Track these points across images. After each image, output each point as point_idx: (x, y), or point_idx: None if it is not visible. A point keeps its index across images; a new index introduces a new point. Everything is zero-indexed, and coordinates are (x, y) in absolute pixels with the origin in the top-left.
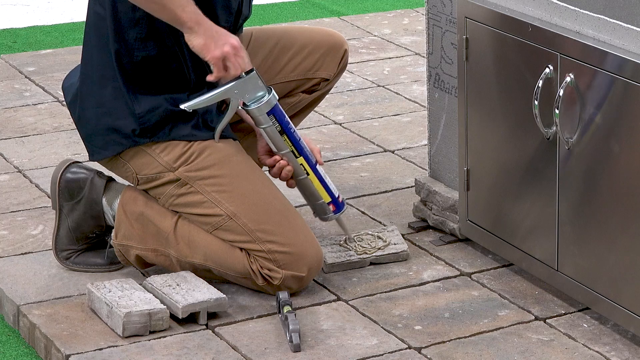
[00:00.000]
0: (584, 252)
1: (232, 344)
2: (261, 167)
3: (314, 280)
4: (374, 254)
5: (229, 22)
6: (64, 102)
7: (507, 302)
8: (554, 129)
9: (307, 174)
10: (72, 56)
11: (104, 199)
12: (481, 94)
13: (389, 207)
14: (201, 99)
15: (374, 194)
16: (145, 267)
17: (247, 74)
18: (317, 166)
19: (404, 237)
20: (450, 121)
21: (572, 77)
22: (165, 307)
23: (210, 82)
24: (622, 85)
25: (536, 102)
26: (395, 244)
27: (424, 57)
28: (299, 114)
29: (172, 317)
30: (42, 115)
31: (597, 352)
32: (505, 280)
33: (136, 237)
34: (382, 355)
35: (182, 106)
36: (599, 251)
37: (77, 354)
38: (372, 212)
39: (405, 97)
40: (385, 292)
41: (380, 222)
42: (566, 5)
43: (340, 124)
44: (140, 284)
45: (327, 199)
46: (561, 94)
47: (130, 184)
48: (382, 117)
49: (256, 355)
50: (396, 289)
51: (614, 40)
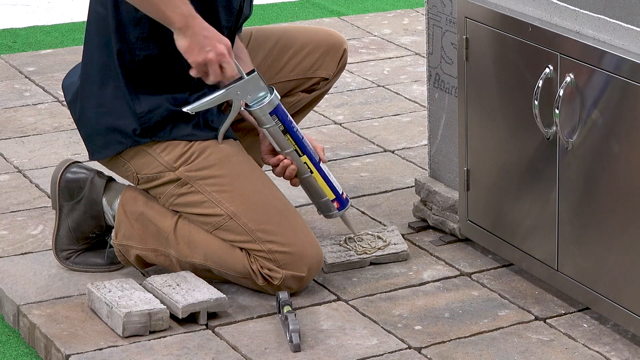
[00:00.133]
0: (584, 252)
1: (232, 344)
2: (262, 167)
3: (314, 280)
4: (374, 254)
5: (230, 22)
6: (64, 102)
7: (507, 302)
8: (554, 129)
9: (311, 172)
10: (72, 56)
11: (104, 199)
12: (481, 94)
13: (389, 207)
14: (203, 101)
15: (374, 194)
16: (145, 267)
17: (248, 74)
18: (321, 164)
19: (404, 237)
20: (450, 121)
21: (572, 77)
22: (165, 307)
23: None
24: (622, 85)
25: (536, 102)
26: (395, 244)
27: (424, 57)
28: (299, 113)
29: (172, 317)
30: (42, 115)
31: (597, 352)
32: (505, 280)
33: (136, 237)
34: (382, 355)
35: (184, 109)
36: (599, 251)
37: (77, 354)
38: (372, 212)
39: (405, 97)
40: (385, 292)
41: (380, 222)
42: (566, 5)
43: (340, 124)
44: (140, 284)
45: (332, 196)
46: (561, 94)
47: (130, 183)
48: (382, 117)
49: (256, 355)
50: (396, 289)
51: (614, 40)
